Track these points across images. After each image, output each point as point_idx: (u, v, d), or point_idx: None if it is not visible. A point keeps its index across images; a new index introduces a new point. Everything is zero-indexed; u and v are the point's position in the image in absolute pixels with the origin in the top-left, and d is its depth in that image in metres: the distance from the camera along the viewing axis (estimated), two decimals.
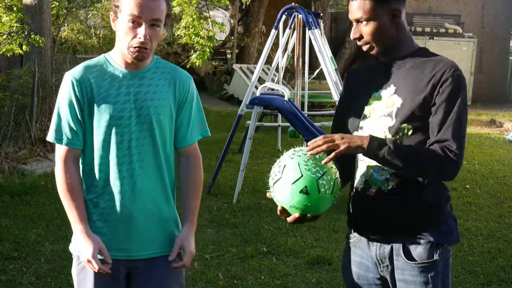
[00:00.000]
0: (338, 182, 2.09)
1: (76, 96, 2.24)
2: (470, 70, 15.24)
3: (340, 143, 2.05)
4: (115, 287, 2.31)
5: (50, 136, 2.28)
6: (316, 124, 6.85)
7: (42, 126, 8.08)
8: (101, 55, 2.33)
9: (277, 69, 8.50)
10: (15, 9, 8.30)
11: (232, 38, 16.67)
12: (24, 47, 7.56)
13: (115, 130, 2.24)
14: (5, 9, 8.12)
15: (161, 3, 2.20)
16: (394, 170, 2.12)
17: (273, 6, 15.69)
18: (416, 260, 2.17)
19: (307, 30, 7.38)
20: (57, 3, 10.89)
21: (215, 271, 4.38)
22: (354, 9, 2.14)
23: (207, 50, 8.67)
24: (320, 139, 2.04)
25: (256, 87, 7.20)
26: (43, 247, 4.77)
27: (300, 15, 7.55)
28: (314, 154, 2.03)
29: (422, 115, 2.10)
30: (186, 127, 2.37)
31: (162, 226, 2.35)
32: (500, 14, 16.88)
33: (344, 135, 2.08)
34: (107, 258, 2.23)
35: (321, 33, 7.62)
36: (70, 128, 2.25)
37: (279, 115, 8.12)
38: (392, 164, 2.08)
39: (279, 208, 2.12)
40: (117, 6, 2.20)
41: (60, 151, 2.27)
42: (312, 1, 16.50)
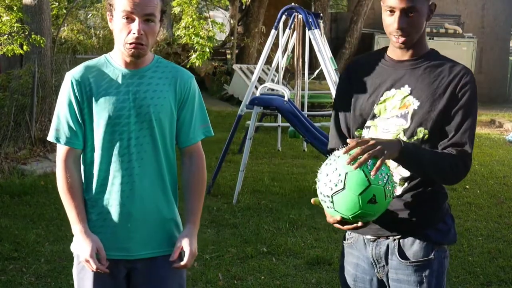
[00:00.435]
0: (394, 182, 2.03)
1: (76, 96, 2.24)
2: None
3: (380, 149, 1.94)
4: (115, 287, 2.31)
5: (51, 136, 2.29)
6: (316, 125, 6.85)
7: (42, 126, 8.08)
8: (102, 55, 2.34)
9: (277, 70, 8.50)
10: (15, 9, 8.30)
11: (232, 39, 16.66)
12: (25, 47, 7.55)
13: (114, 129, 2.24)
14: (5, 9, 8.11)
15: None
16: (413, 172, 2.11)
17: (273, 6, 15.69)
18: (409, 259, 2.16)
19: (307, 30, 7.38)
20: (57, 3, 10.89)
21: (215, 272, 4.38)
22: None
23: (207, 51, 8.67)
24: (360, 150, 1.92)
25: (256, 87, 7.21)
26: (43, 248, 4.77)
27: (300, 15, 7.55)
28: (361, 166, 1.90)
29: (440, 120, 2.10)
30: (188, 126, 2.36)
31: (162, 226, 2.34)
32: (500, 14, 16.89)
33: (376, 139, 1.99)
34: (103, 259, 2.23)
35: (321, 33, 7.62)
36: (70, 128, 2.25)
37: (279, 116, 8.12)
38: (416, 168, 2.07)
39: (337, 219, 2.03)
40: (111, 5, 2.22)
41: (60, 151, 2.28)
42: (312, 1, 16.49)
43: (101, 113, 2.23)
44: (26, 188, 6.29)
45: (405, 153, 2.01)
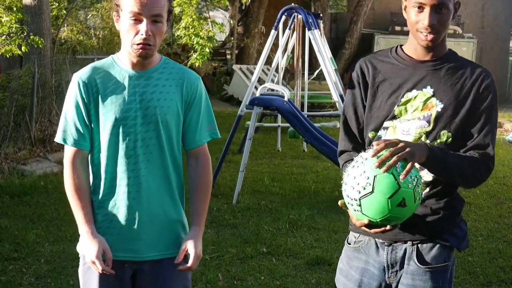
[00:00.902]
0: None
1: (82, 97, 2.24)
2: None
3: (409, 152, 1.89)
4: None
5: (58, 137, 2.29)
6: (316, 125, 6.85)
7: (42, 127, 8.08)
8: (109, 56, 2.33)
9: (277, 70, 8.49)
10: (15, 9, 8.29)
11: (232, 39, 16.66)
12: (23, 48, 7.55)
13: (121, 130, 2.23)
14: (5, 9, 8.11)
15: None
16: (437, 175, 2.08)
17: (273, 7, 15.68)
18: (429, 264, 2.12)
19: (307, 31, 7.38)
20: (57, 4, 10.88)
21: (215, 272, 4.38)
22: None
23: (207, 51, 8.66)
24: (389, 153, 1.87)
25: (256, 88, 7.20)
26: (43, 248, 4.77)
27: (300, 16, 7.55)
28: (389, 169, 1.86)
29: (464, 123, 2.08)
30: (195, 128, 2.35)
31: (168, 228, 2.34)
32: (500, 14, 16.88)
33: (404, 141, 1.94)
34: (109, 261, 2.23)
35: (321, 34, 7.62)
36: (77, 129, 2.25)
37: (279, 116, 8.13)
38: (442, 171, 2.04)
39: (364, 222, 1.97)
40: (118, 5, 2.21)
41: (68, 152, 2.28)
42: (312, 2, 16.48)
43: (108, 114, 2.23)
44: (26, 189, 6.30)
45: (432, 157, 1.97)
